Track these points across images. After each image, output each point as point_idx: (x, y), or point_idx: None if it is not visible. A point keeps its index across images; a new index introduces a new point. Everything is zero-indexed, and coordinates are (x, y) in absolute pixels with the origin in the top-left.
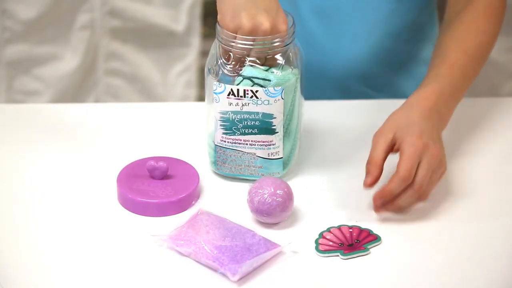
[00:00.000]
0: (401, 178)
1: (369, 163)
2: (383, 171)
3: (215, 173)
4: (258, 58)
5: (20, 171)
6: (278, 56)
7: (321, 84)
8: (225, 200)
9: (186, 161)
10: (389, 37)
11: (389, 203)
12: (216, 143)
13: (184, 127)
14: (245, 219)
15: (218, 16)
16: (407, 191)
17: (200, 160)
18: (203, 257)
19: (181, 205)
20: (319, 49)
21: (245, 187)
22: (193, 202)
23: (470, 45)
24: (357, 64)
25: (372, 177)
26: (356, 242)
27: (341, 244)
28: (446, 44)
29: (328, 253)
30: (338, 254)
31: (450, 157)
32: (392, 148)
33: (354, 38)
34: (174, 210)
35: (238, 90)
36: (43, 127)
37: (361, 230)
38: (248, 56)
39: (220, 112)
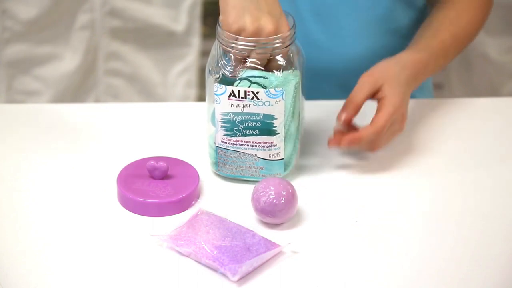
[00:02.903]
0: (375, 131)
1: (350, 101)
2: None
3: (215, 173)
4: (259, 60)
5: (20, 171)
6: (279, 57)
7: (321, 84)
8: (225, 200)
9: (186, 161)
10: (388, 35)
11: (345, 141)
12: (217, 145)
13: (184, 127)
14: (245, 219)
15: (220, 18)
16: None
17: (200, 160)
18: (203, 257)
19: (181, 205)
20: (319, 48)
21: (245, 187)
22: (193, 202)
23: (459, 30)
24: (357, 62)
25: (348, 115)
26: None
27: None
28: (440, 22)
29: None
30: None
31: (451, 157)
32: (374, 95)
33: (354, 36)
34: (174, 210)
35: (239, 91)
36: (43, 127)
37: None
38: (249, 57)
39: (221, 114)
